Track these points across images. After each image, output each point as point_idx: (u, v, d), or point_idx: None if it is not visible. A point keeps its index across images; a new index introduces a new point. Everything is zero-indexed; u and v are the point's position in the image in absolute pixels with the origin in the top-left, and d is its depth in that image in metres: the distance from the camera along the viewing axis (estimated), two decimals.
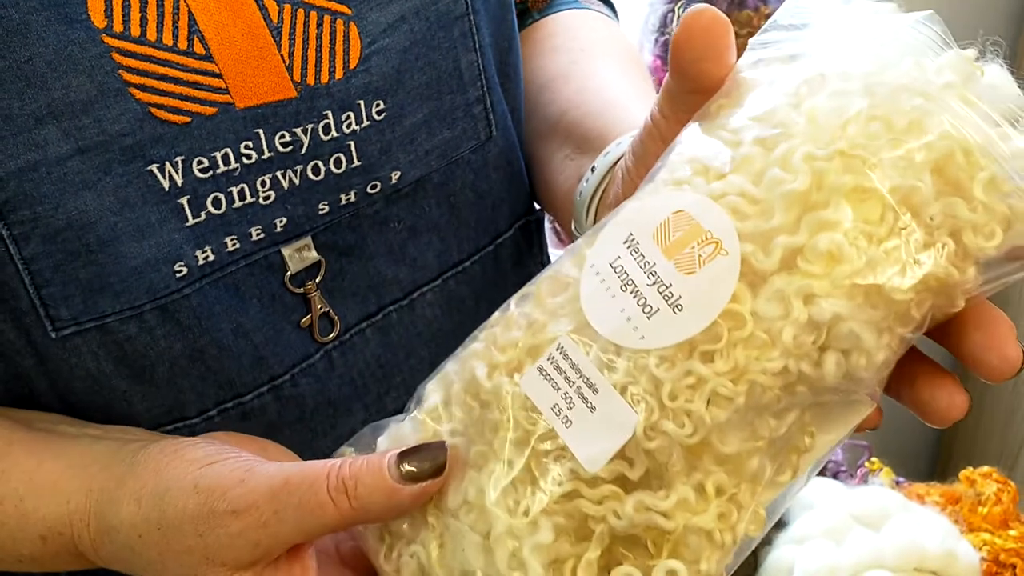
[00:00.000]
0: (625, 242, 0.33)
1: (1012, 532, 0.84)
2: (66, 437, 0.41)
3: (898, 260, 0.30)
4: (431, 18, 0.46)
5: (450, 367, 0.37)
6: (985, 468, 0.88)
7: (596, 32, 0.58)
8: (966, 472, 0.89)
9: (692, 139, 0.34)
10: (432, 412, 0.36)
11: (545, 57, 0.57)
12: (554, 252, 0.58)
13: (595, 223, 0.41)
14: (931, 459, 1.52)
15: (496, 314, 0.36)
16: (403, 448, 0.35)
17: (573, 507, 0.32)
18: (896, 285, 0.30)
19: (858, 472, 0.96)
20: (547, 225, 0.63)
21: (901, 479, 0.93)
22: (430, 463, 0.34)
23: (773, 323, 0.30)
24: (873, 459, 0.96)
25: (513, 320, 0.35)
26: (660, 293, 0.31)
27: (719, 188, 0.32)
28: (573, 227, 0.47)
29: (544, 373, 0.33)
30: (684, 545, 0.31)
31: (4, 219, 0.37)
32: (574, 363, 0.32)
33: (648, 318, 0.31)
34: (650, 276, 0.32)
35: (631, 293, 0.32)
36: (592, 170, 0.45)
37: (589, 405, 0.32)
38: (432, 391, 0.37)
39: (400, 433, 0.37)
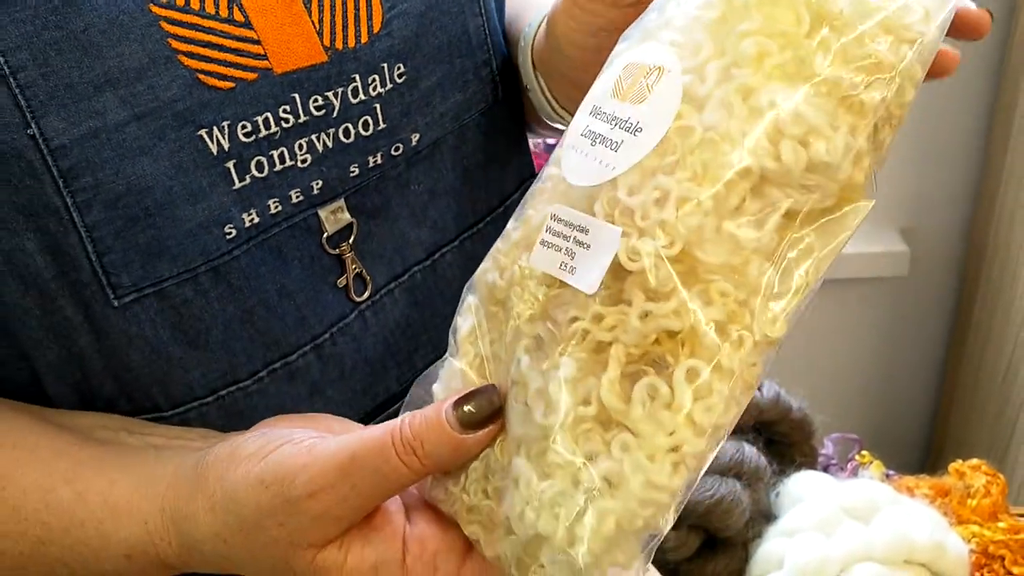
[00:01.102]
0: (590, 112, 0.38)
1: (1001, 524, 0.86)
2: (130, 451, 0.44)
3: (822, 47, 0.34)
4: None
5: (469, 298, 0.41)
6: (974, 461, 0.91)
7: None
8: (956, 465, 0.91)
9: (628, 29, 0.40)
10: (469, 336, 0.40)
11: None
12: None
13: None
14: (923, 452, 1.56)
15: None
16: (456, 396, 0.38)
17: (589, 343, 0.35)
18: (820, 63, 0.34)
19: (848, 465, 0.98)
20: None
21: (891, 472, 0.95)
22: (487, 406, 0.38)
23: (720, 124, 0.34)
24: (864, 452, 0.98)
25: (509, 230, 0.40)
26: (621, 128, 0.36)
27: (654, 44, 0.37)
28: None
29: (546, 244, 0.37)
30: (700, 346, 0.34)
31: (68, 186, 0.40)
32: (567, 222, 0.37)
33: (616, 151, 0.36)
34: (612, 122, 0.37)
35: (601, 143, 0.37)
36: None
37: (584, 246, 0.36)
38: (462, 321, 0.41)
39: (450, 370, 0.41)
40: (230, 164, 0.43)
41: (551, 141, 1.25)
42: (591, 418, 0.35)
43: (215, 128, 0.43)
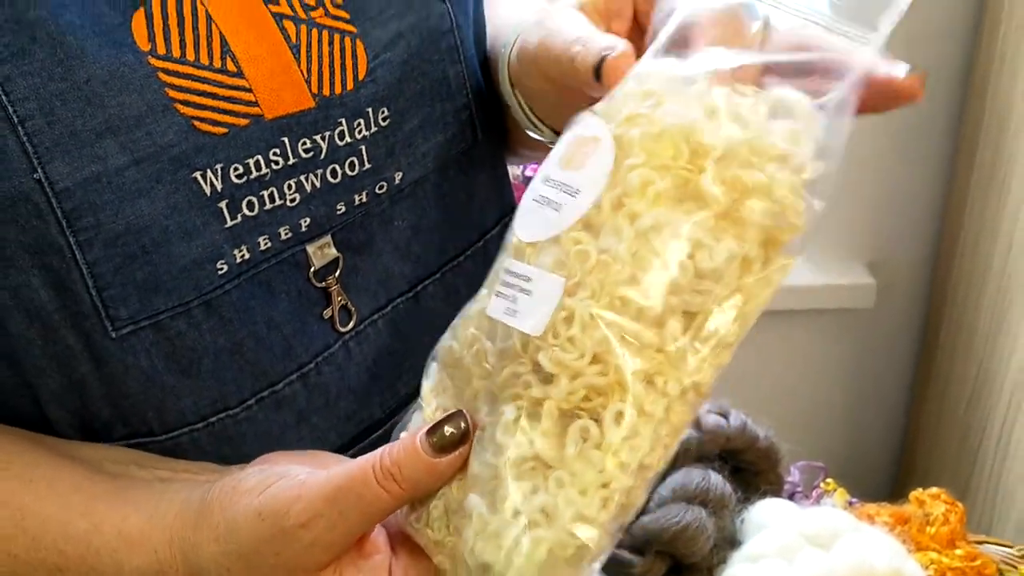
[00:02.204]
0: (544, 181, 0.42)
1: (958, 551, 0.89)
2: (140, 484, 0.47)
3: (699, 173, 0.38)
4: (423, 34, 0.54)
5: (432, 364, 0.46)
6: (934, 489, 0.93)
7: None
8: (916, 493, 0.93)
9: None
10: (432, 390, 0.45)
11: None
12: None
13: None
14: (889, 480, 1.59)
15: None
16: (428, 426, 0.42)
17: (529, 397, 0.39)
18: (698, 186, 0.38)
19: (813, 493, 1.00)
20: None
21: (854, 500, 0.98)
22: (456, 430, 0.42)
23: (613, 247, 0.39)
24: (828, 480, 1.00)
25: (468, 305, 0.45)
26: (563, 192, 0.41)
27: (595, 120, 0.42)
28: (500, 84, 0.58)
29: (499, 294, 0.42)
30: (627, 392, 0.38)
31: (71, 226, 0.43)
32: (516, 273, 0.41)
33: (558, 212, 0.41)
34: (557, 187, 0.41)
35: (547, 205, 0.41)
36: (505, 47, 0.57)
37: (526, 291, 0.40)
38: (426, 381, 0.46)
39: (416, 421, 0.45)
40: (223, 204, 0.47)
41: (529, 173, 1.29)
42: (531, 457, 0.39)
43: (209, 171, 0.46)
